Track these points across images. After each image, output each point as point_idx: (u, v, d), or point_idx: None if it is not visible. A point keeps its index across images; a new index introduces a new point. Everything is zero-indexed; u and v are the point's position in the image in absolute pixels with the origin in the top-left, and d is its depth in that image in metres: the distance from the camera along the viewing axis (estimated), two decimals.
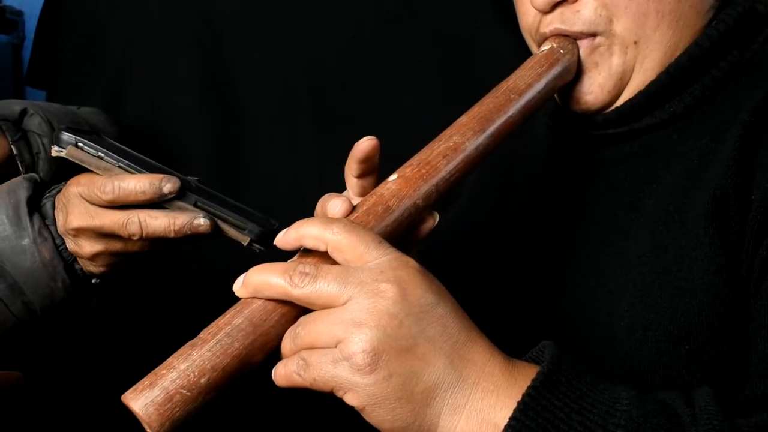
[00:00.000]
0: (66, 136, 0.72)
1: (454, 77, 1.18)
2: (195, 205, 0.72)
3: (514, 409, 0.50)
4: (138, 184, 0.70)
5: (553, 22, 0.71)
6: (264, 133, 1.23)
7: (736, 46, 0.70)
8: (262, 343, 0.53)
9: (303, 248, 0.56)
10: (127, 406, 0.50)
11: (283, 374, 0.53)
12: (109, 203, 0.71)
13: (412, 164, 0.61)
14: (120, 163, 0.72)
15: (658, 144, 0.71)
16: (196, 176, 0.77)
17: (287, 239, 0.56)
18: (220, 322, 0.53)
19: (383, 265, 0.52)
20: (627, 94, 0.72)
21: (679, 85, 0.70)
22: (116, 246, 0.74)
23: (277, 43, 1.23)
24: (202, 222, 0.71)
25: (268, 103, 1.23)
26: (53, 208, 0.76)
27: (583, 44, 0.71)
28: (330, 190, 0.62)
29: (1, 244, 0.74)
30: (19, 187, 0.76)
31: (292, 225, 0.56)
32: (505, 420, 0.50)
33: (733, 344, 0.61)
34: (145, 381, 0.51)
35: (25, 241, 0.74)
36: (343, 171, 0.63)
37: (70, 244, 0.76)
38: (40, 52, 1.44)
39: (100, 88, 1.30)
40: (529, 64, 0.71)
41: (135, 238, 0.72)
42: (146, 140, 1.21)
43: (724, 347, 0.61)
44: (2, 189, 0.76)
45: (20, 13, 1.71)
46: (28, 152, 0.95)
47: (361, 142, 0.60)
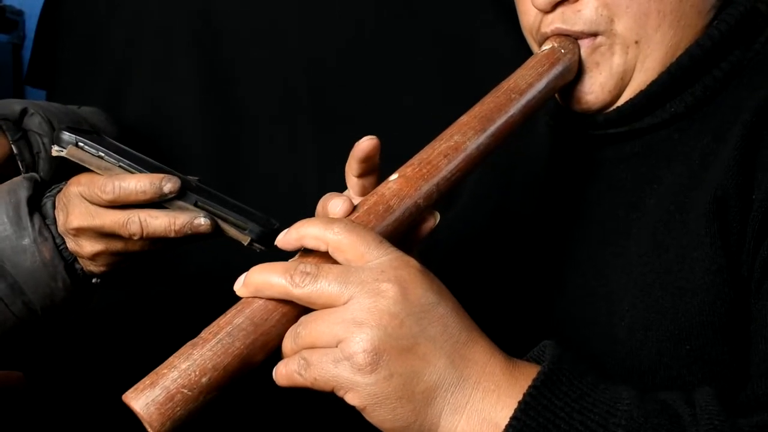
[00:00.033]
0: (66, 136, 0.72)
1: (454, 77, 1.18)
2: (195, 205, 0.72)
3: (515, 409, 0.50)
4: (138, 184, 0.70)
5: (554, 22, 0.71)
6: (264, 133, 1.23)
7: (738, 46, 0.70)
8: (263, 343, 0.53)
9: (304, 248, 0.56)
10: (128, 406, 0.50)
11: (284, 374, 0.53)
12: (109, 203, 0.71)
13: (413, 164, 0.61)
14: (120, 163, 0.72)
15: (659, 144, 0.71)
16: (196, 176, 0.77)
17: (288, 240, 0.56)
18: (221, 321, 0.53)
19: (384, 264, 0.52)
20: (628, 94, 0.72)
21: (681, 85, 0.70)
22: (117, 246, 0.74)
23: (277, 43, 1.23)
24: (202, 221, 0.71)
25: (268, 103, 1.23)
26: (53, 207, 0.76)
27: (584, 44, 0.71)
28: (330, 190, 0.62)
29: (1, 244, 0.74)
30: (19, 187, 0.76)
31: (293, 225, 0.56)
32: (506, 420, 0.50)
33: (734, 344, 0.61)
34: (146, 380, 0.51)
35: (26, 241, 0.74)
36: (343, 171, 0.63)
37: (71, 244, 0.76)
38: (41, 51, 1.44)
39: (100, 87, 1.30)
40: (530, 63, 0.71)
41: (135, 238, 0.72)
42: (146, 140, 1.21)
43: (724, 347, 0.61)
44: (2, 188, 0.76)
45: (20, 13, 1.71)
46: (28, 152, 0.95)
47: (361, 142, 0.60)
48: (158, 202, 0.71)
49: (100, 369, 1.10)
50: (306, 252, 0.56)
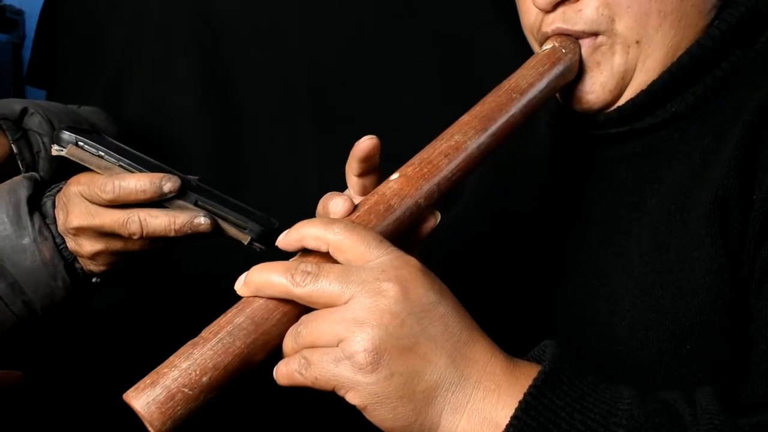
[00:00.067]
0: (66, 135, 0.72)
1: (454, 77, 1.18)
2: (195, 204, 0.71)
3: (516, 409, 0.49)
4: (138, 183, 0.70)
5: (555, 22, 0.71)
6: (264, 133, 1.23)
7: (739, 45, 0.70)
8: (264, 342, 0.53)
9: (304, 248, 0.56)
10: (128, 405, 0.50)
11: (285, 373, 0.53)
12: (109, 202, 0.71)
13: (414, 163, 0.61)
14: (120, 162, 0.72)
15: (660, 143, 0.71)
16: (196, 175, 0.77)
17: (288, 240, 0.56)
18: (222, 320, 0.53)
19: (385, 264, 0.52)
20: (629, 94, 0.72)
21: (681, 85, 0.70)
22: (117, 245, 0.74)
23: (277, 43, 1.23)
24: (202, 221, 0.71)
25: (268, 103, 1.23)
26: (53, 207, 0.76)
27: (585, 43, 0.71)
28: (330, 190, 0.62)
29: (1, 243, 0.74)
30: (19, 186, 0.76)
31: (294, 226, 0.56)
32: (507, 419, 0.50)
33: (735, 344, 0.61)
34: (147, 379, 0.51)
35: (26, 240, 0.74)
36: (343, 170, 0.63)
37: (71, 243, 0.76)
38: (41, 51, 1.44)
39: (100, 87, 1.30)
40: (531, 63, 0.71)
41: (135, 237, 0.72)
42: (146, 140, 1.21)
43: (725, 347, 0.61)
44: (2, 188, 0.76)
45: (20, 13, 1.71)
46: (28, 151, 0.95)
47: (361, 141, 0.60)
48: (158, 202, 0.71)
49: (100, 368, 1.09)
50: (306, 251, 0.56)
